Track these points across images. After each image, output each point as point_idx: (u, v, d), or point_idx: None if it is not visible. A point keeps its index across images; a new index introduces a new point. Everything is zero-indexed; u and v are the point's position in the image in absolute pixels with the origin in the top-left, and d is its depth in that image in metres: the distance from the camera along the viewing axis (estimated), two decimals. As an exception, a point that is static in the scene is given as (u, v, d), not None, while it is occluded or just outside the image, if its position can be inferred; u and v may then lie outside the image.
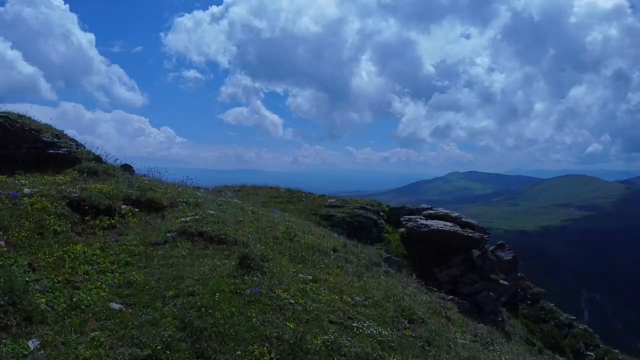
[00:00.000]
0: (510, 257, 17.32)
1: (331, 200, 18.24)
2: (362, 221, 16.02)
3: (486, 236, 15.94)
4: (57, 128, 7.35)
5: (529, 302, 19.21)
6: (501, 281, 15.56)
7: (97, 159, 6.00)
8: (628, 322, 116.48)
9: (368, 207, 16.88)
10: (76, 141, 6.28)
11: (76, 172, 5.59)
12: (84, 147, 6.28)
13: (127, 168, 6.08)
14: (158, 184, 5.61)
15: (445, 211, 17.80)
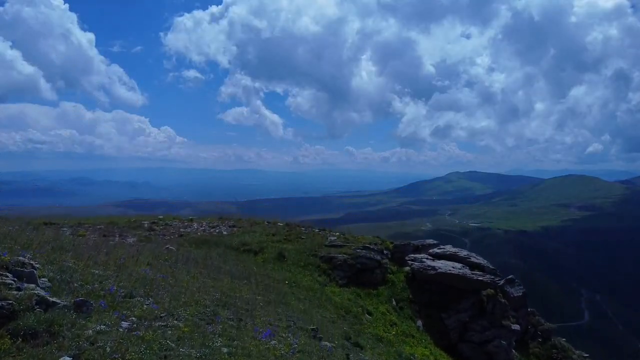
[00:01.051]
0: (521, 293, 16.33)
1: (332, 238, 17.14)
2: (365, 262, 14.98)
3: (497, 279, 14.86)
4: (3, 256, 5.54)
5: (539, 340, 18.25)
6: (513, 326, 14.61)
7: (43, 300, 4.57)
8: (628, 323, 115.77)
9: (371, 247, 15.78)
10: (23, 269, 4.74)
11: (9, 336, 4.16)
12: (35, 277, 4.67)
13: (81, 305, 4.69)
14: (119, 340, 4.03)
15: (453, 250, 16.74)
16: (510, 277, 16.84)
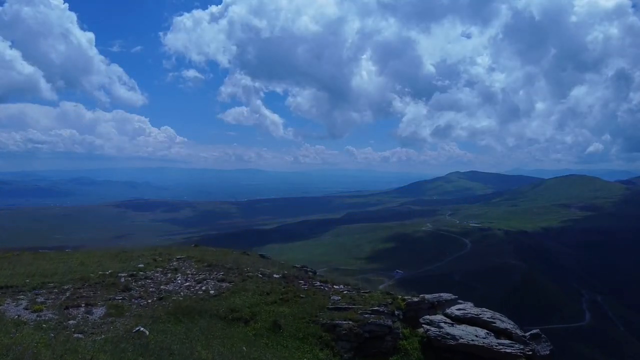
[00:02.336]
0: (548, 352, 14.49)
1: (336, 297, 15.09)
2: (374, 330, 12.90)
3: (527, 349, 12.92)
4: None
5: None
6: (543, 404, 12.88)
7: None
8: (629, 324, 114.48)
9: (381, 310, 13.71)
10: None
11: None
12: None
13: None
14: None
15: (475, 311, 14.33)
16: (535, 331, 15.04)
